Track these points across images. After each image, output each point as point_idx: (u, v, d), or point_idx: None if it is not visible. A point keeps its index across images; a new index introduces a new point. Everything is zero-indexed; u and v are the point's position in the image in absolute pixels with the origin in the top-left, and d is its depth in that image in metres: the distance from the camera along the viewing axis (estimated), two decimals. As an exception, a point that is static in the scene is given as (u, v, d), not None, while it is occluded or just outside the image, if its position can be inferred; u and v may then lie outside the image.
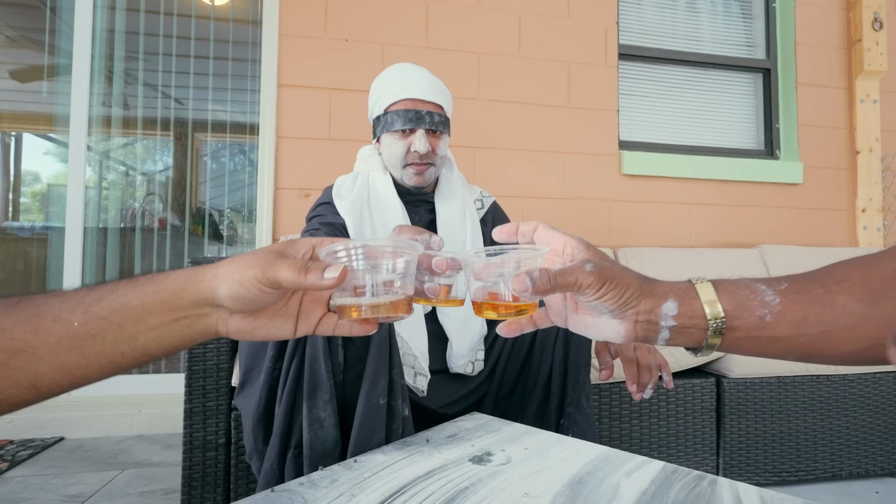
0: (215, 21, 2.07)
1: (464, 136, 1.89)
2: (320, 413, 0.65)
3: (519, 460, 0.60)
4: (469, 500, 0.49)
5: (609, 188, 2.04)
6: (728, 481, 0.55)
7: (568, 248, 0.44)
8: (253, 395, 0.73)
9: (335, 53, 1.86)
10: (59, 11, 2.03)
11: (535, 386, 0.84)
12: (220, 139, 2.15)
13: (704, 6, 2.36)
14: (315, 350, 0.66)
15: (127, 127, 2.12)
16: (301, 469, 0.65)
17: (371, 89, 1.06)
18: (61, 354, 0.35)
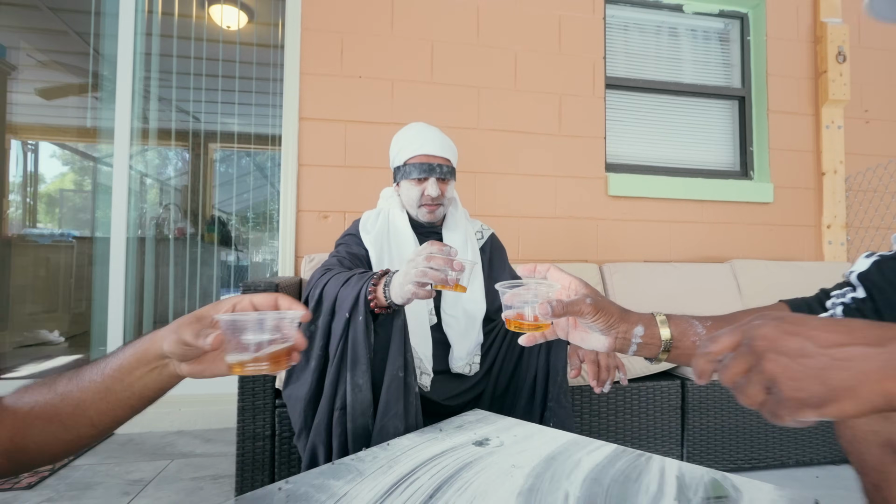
0: (241, 64, 2.30)
1: (465, 163, 2.11)
2: (359, 380, 0.89)
3: (509, 443, 0.83)
4: (472, 471, 0.71)
5: (596, 208, 2.26)
6: (659, 457, 0.78)
7: (573, 285, 0.68)
8: (304, 382, 0.95)
9: (350, 89, 2.08)
10: (102, 38, 2.23)
11: (524, 386, 1.07)
12: (258, 167, 2.38)
13: (685, 39, 2.58)
14: (356, 334, 0.90)
15: (162, 139, 2.36)
16: (345, 425, 0.89)
17: (392, 144, 1.28)
18: (98, 403, 0.55)
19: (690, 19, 2.58)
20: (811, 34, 2.55)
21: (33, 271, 3.46)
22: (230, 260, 2.91)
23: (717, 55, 2.62)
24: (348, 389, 0.89)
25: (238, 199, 2.75)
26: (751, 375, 0.37)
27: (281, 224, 2.04)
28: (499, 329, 1.19)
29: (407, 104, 2.12)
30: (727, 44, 2.63)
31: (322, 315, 0.94)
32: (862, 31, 2.59)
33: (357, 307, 0.90)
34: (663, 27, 2.56)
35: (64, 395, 0.54)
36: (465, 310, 1.18)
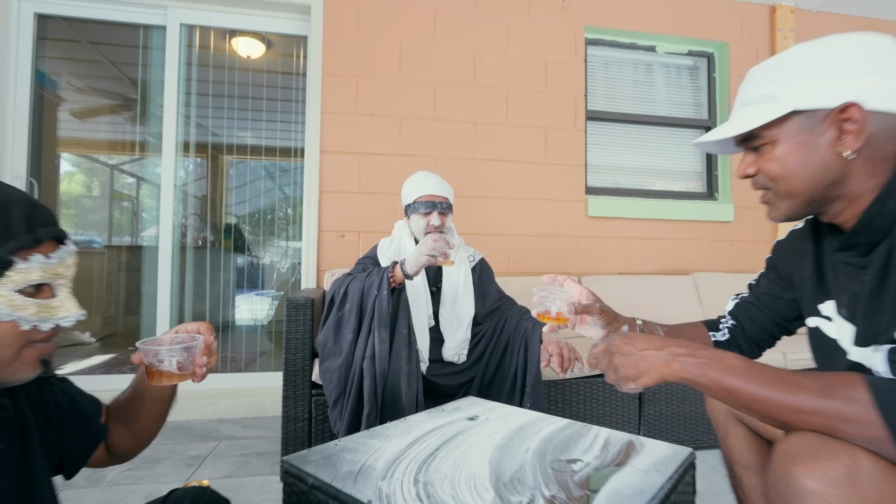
0: (267, 87, 2.64)
1: (463, 189, 2.45)
2: (383, 335, 1.28)
3: (493, 419, 1.16)
4: (465, 435, 1.04)
5: (577, 227, 2.60)
6: (597, 427, 1.11)
7: (584, 293, 1.00)
8: (337, 356, 1.31)
9: (363, 125, 2.42)
10: (149, 68, 2.55)
11: (507, 377, 1.41)
12: (280, 188, 2.71)
13: (659, 76, 2.92)
14: (381, 304, 1.30)
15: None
16: (373, 368, 1.27)
17: (403, 187, 1.62)
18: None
19: (663, 58, 2.91)
20: (769, 72, 2.88)
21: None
22: (249, 264, 3.24)
23: (686, 90, 2.95)
24: (377, 341, 1.28)
25: (258, 210, 3.08)
26: (608, 365, 0.70)
27: (304, 242, 2.37)
28: (485, 330, 1.53)
29: (412, 138, 2.45)
30: (696, 80, 2.97)
31: (350, 302, 1.34)
32: (815, 69, 2.92)
33: (382, 285, 1.32)
34: (639, 65, 2.90)
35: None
36: (458, 314, 1.52)
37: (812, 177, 0.70)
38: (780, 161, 0.72)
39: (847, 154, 0.66)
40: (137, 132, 3.29)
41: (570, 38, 2.66)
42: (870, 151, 0.66)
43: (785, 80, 0.71)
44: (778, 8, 2.86)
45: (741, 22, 2.87)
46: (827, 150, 0.68)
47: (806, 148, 0.69)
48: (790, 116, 0.70)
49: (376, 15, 2.45)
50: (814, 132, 0.69)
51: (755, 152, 0.77)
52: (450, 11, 2.53)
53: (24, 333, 0.61)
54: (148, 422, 0.88)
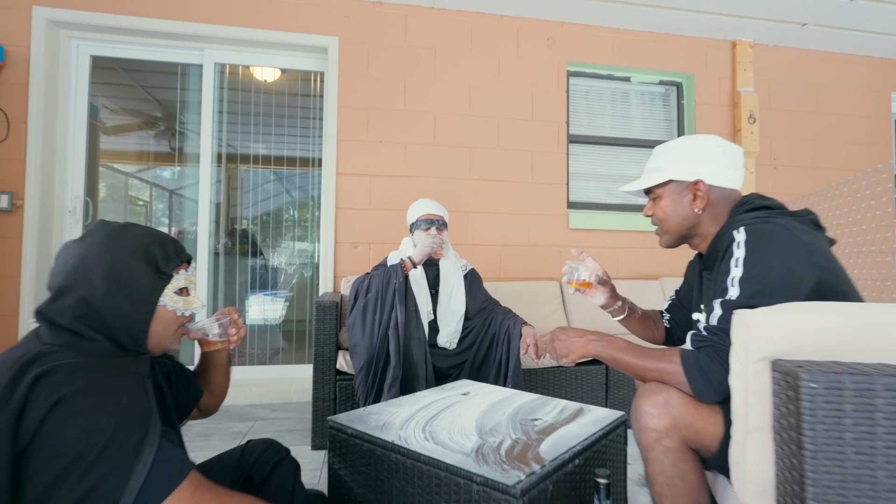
0: (288, 108, 3.00)
1: (460, 205, 2.82)
2: (402, 309, 1.67)
3: (481, 394, 1.54)
4: (458, 404, 1.42)
5: (559, 238, 2.97)
6: (560, 399, 1.48)
7: (599, 269, 1.34)
8: (364, 335, 1.70)
9: (373, 150, 2.79)
10: (187, 91, 2.92)
11: (493, 363, 1.79)
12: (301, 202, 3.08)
13: (633, 102, 3.29)
14: (400, 288, 1.75)
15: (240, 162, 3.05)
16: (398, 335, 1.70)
17: (408, 211, 2.00)
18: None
19: (637, 87, 3.29)
20: (730, 100, 3.26)
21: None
22: (262, 267, 3.60)
23: (658, 115, 3.33)
24: (398, 314, 1.71)
25: (274, 216, 3.45)
26: (552, 347, 1.09)
27: (322, 252, 2.74)
28: (474, 325, 1.92)
29: (416, 162, 2.82)
30: (666, 106, 3.34)
31: (374, 290, 1.78)
32: (772, 97, 3.30)
33: (398, 274, 1.78)
34: (616, 93, 3.27)
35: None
36: (451, 310, 1.90)
37: (679, 222, 1.08)
38: (663, 210, 1.10)
39: (698, 210, 1.04)
40: (171, 146, 3.64)
41: (553, 71, 3.04)
42: (711, 209, 1.04)
43: (669, 159, 1.09)
44: (738, 43, 3.24)
45: (706, 56, 3.24)
46: (687, 207, 1.06)
47: (676, 204, 1.07)
48: (669, 183, 1.08)
49: (384, 54, 2.82)
50: (681, 194, 1.07)
51: (652, 201, 1.14)
52: (448, 50, 2.90)
53: (178, 318, 0.98)
54: (217, 384, 1.24)
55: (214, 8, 2.67)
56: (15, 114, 2.45)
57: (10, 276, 2.42)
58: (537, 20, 3.02)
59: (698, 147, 1.06)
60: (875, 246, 2.81)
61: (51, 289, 0.86)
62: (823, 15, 2.96)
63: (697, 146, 1.06)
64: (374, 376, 1.69)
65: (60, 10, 2.51)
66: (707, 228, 1.06)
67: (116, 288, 0.86)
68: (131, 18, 2.59)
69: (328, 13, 2.78)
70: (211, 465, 1.15)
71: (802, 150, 3.35)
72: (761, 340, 0.71)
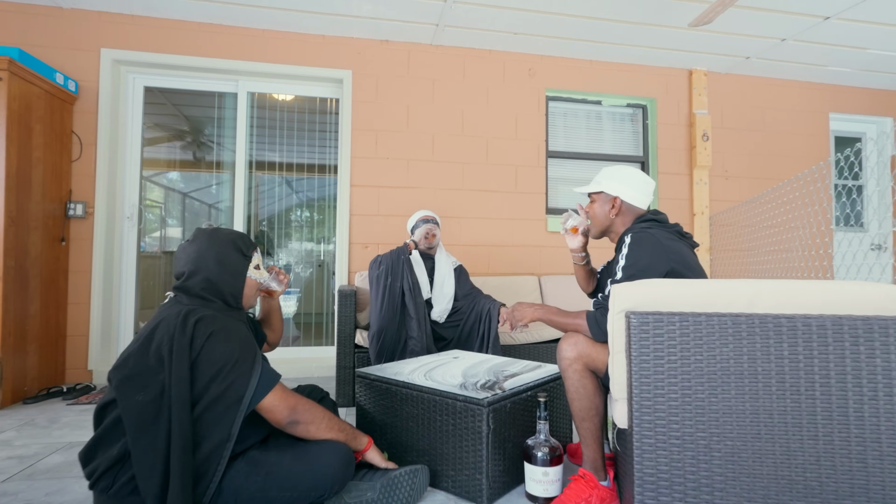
0: (308, 124, 3.52)
1: (454, 211, 3.33)
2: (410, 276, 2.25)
3: (468, 358, 2.07)
4: (450, 363, 1.95)
5: (538, 239, 3.49)
6: (523, 360, 2.01)
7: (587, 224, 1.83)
8: (379, 297, 2.23)
9: (381, 166, 3.31)
10: (222, 109, 3.43)
11: (477, 337, 2.31)
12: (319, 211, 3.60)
13: (605, 122, 3.81)
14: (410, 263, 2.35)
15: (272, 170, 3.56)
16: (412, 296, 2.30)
17: (409, 219, 2.53)
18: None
19: (608, 109, 3.81)
20: (687, 121, 3.79)
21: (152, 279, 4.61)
22: (288, 268, 4.11)
23: (626, 133, 3.85)
24: (409, 281, 2.24)
25: (293, 218, 3.96)
26: (511, 314, 1.62)
27: (338, 252, 3.26)
28: (461, 307, 2.45)
29: (417, 175, 3.34)
30: (633, 125, 3.87)
31: (385, 265, 2.31)
32: (724, 117, 3.83)
33: (405, 251, 2.33)
34: (589, 114, 3.79)
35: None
36: (444, 292, 2.43)
37: (600, 221, 1.60)
38: (593, 210, 1.63)
39: (612, 216, 1.57)
40: (196, 156, 4.14)
41: (534, 97, 3.56)
42: (622, 217, 1.56)
43: (606, 177, 1.61)
44: (694, 72, 3.76)
45: (666, 83, 3.77)
46: (607, 212, 1.58)
47: (601, 208, 1.60)
48: (601, 193, 1.60)
49: (390, 84, 3.34)
50: (605, 203, 1.59)
51: (590, 202, 1.66)
52: (444, 80, 3.42)
53: (257, 284, 1.50)
54: (277, 322, 1.78)
55: (248, 47, 3.19)
56: (86, 137, 2.97)
57: (83, 271, 2.94)
58: (520, 54, 3.54)
59: (626, 175, 1.57)
60: (809, 240, 3.33)
61: (181, 274, 1.38)
62: (762, 51, 3.48)
63: (625, 174, 1.58)
64: (384, 340, 2.22)
65: (122, 51, 3.03)
66: (617, 229, 1.59)
67: (222, 268, 1.39)
68: (178, 57, 3.11)
69: (343, 50, 3.30)
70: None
71: (750, 163, 3.87)
72: (621, 300, 1.23)
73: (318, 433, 1.33)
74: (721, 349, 1.10)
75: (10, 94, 2.43)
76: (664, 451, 1.10)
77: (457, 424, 1.49)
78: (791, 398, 1.04)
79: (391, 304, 2.27)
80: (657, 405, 1.12)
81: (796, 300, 1.12)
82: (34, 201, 2.62)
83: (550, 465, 1.43)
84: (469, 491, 1.46)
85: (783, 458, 1.04)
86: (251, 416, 1.27)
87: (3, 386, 2.40)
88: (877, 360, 1.00)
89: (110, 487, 1.15)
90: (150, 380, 1.18)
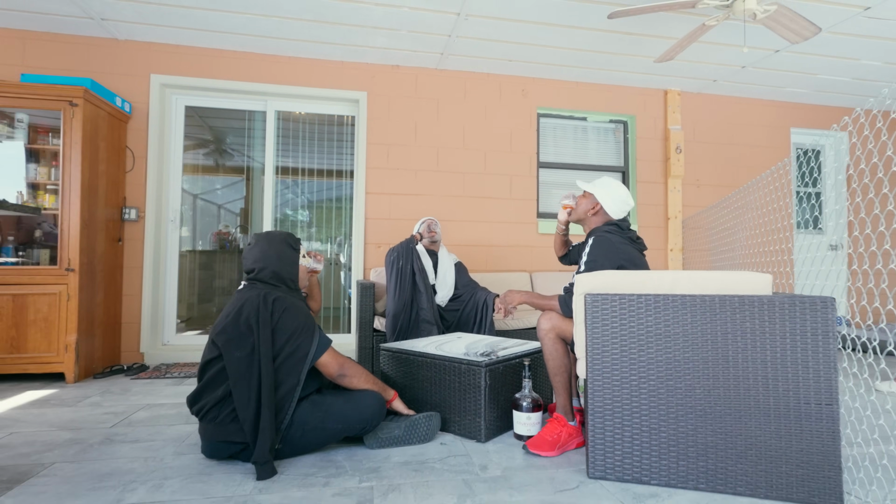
0: (328, 136, 3.98)
1: (456, 216, 3.80)
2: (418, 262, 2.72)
3: (470, 338, 2.54)
4: (454, 341, 2.43)
5: (530, 240, 3.96)
6: (514, 339, 2.49)
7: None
8: (391, 287, 2.71)
9: (392, 175, 3.77)
10: (252, 120, 3.89)
11: (475, 323, 2.79)
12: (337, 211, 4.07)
13: (590, 135, 4.28)
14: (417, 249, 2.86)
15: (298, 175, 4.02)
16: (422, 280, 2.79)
17: (416, 224, 2.99)
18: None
19: (592, 124, 4.28)
20: (663, 135, 4.26)
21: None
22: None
23: (609, 145, 4.33)
24: (419, 265, 2.73)
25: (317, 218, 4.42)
26: (503, 299, 2.09)
27: (354, 251, 3.73)
28: (461, 294, 2.92)
29: (423, 183, 3.81)
30: (616, 139, 4.34)
31: (396, 253, 2.78)
32: (695, 132, 4.31)
33: (412, 241, 2.82)
34: (577, 129, 4.26)
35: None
36: (446, 281, 2.90)
37: (580, 214, 2.09)
38: (580, 203, 2.10)
39: (590, 214, 2.04)
40: (217, 162, 4.59)
41: (527, 114, 4.03)
42: (595, 218, 2.04)
43: (600, 185, 2.07)
44: (668, 92, 4.24)
45: (644, 101, 4.24)
46: (588, 210, 2.05)
47: (584, 205, 2.07)
48: (588, 194, 2.08)
49: (400, 104, 3.81)
50: (590, 202, 2.07)
51: (582, 197, 2.13)
52: (447, 100, 3.89)
53: (306, 269, 1.98)
54: (317, 295, 2.26)
55: (276, 72, 3.65)
56: (138, 151, 3.43)
57: (136, 267, 3.40)
58: (515, 76, 4.01)
59: (613, 190, 2.03)
60: (772, 243, 3.81)
61: (251, 270, 1.85)
62: (726, 75, 3.96)
63: (613, 189, 2.04)
64: (400, 322, 2.69)
65: (168, 76, 3.49)
66: (590, 224, 2.06)
67: (282, 262, 1.86)
68: (216, 80, 3.57)
69: (359, 74, 3.76)
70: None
71: (720, 173, 4.35)
72: (581, 287, 1.70)
73: (359, 384, 1.80)
74: (648, 319, 1.56)
75: (84, 118, 2.89)
76: (609, 389, 1.57)
77: (461, 382, 1.96)
78: (693, 350, 1.50)
79: (403, 284, 2.75)
80: (604, 359, 1.59)
81: (702, 285, 1.59)
82: (99, 207, 3.08)
83: (532, 411, 1.90)
84: (471, 432, 1.93)
85: (688, 390, 1.50)
86: (310, 371, 1.74)
87: (79, 363, 2.86)
88: (746, 324, 1.46)
89: (217, 418, 1.62)
90: (243, 342, 1.64)
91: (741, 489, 1.45)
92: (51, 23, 3.19)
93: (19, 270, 2.80)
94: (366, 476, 1.58)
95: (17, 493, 1.44)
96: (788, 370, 1.44)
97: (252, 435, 1.57)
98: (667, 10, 2.49)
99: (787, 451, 1.42)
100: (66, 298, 2.82)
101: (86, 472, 1.60)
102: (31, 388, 2.71)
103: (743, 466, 1.45)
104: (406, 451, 1.80)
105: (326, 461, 1.70)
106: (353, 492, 1.47)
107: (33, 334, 2.79)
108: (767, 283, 1.57)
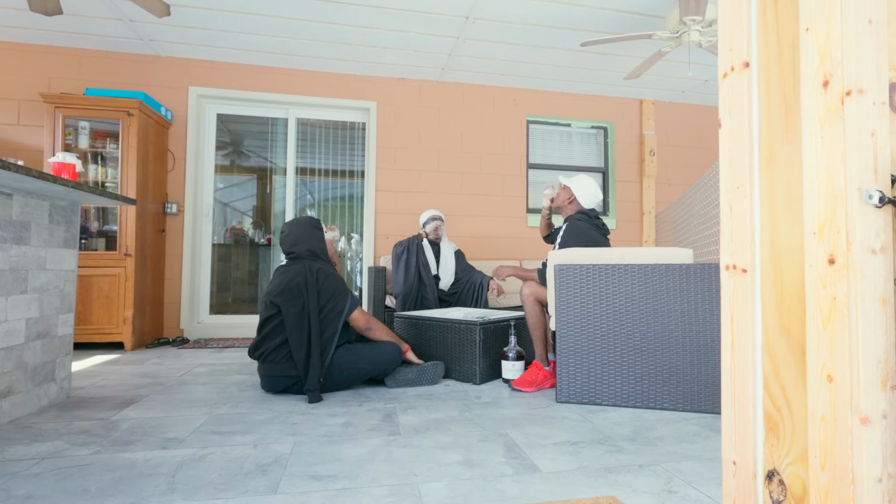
0: (341, 140, 4.49)
1: (455, 210, 4.32)
2: (423, 255, 3.20)
3: (467, 309, 3.06)
4: (455, 312, 2.95)
5: (519, 232, 4.49)
6: (504, 311, 3.01)
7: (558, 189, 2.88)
8: (399, 275, 3.22)
9: (398, 175, 4.29)
10: (274, 124, 4.40)
11: (472, 300, 3.30)
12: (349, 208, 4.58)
13: (574, 139, 4.81)
14: (422, 243, 3.31)
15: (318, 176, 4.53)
16: (428, 271, 3.29)
17: (421, 216, 3.51)
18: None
19: (576, 130, 4.81)
20: (638, 139, 4.80)
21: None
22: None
23: (591, 148, 4.86)
24: (422, 258, 3.22)
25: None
26: (495, 273, 2.62)
27: (365, 241, 4.24)
28: (460, 277, 3.43)
29: (426, 182, 4.33)
30: (597, 143, 4.87)
31: (403, 247, 3.30)
32: (668, 136, 4.84)
33: (419, 237, 3.33)
34: (562, 133, 4.79)
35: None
36: (448, 268, 3.41)
37: (559, 202, 2.62)
38: (559, 195, 2.64)
39: (567, 204, 2.57)
40: (234, 163, 5.08)
41: (518, 121, 4.55)
42: (570, 207, 2.58)
43: (577, 180, 2.61)
44: (644, 101, 4.77)
45: (622, 110, 4.77)
46: (565, 199, 2.58)
47: (563, 197, 2.60)
48: (566, 187, 2.60)
49: (406, 112, 4.33)
50: (567, 194, 2.60)
51: (561, 189, 2.65)
52: (448, 109, 4.41)
53: (332, 242, 2.52)
54: (335, 261, 2.76)
55: (297, 84, 4.15)
56: (177, 153, 3.93)
57: (176, 255, 3.90)
58: (507, 88, 4.54)
59: (587, 185, 2.55)
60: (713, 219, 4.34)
61: (291, 251, 2.36)
62: (692, 87, 4.50)
63: (586, 185, 2.55)
64: (408, 303, 3.20)
65: (203, 87, 3.99)
66: (566, 212, 2.58)
67: (312, 240, 2.38)
68: (244, 91, 4.07)
69: (370, 86, 4.27)
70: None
71: (689, 173, 4.89)
72: (554, 261, 2.22)
73: (381, 336, 2.32)
74: (601, 283, 2.09)
75: (139, 126, 3.39)
76: (572, 337, 2.09)
77: (461, 338, 2.48)
78: (633, 305, 2.03)
79: (409, 275, 3.25)
80: (569, 314, 2.11)
81: (643, 257, 2.12)
82: (148, 202, 3.58)
83: (516, 360, 2.42)
84: (468, 377, 2.45)
85: (629, 334, 2.03)
86: (343, 325, 2.25)
87: (135, 334, 3.36)
88: (671, 284, 1.99)
89: (276, 359, 2.14)
90: (296, 301, 2.16)
91: (666, 405, 1.97)
92: (106, 42, 3.68)
93: (84, 255, 3.30)
94: (389, 402, 2.10)
95: (133, 409, 1.95)
96: (699, 316, 1.97)
97: (304, 369, 2.09)
98: (628, 41, 3.02)
99: (698, 375, 1.95)
100: (125, 279, 3.32)
101: (177, 399, 2.11)
102: (97, 353, 3.21)
103: (667, 388, 1.98)
104: (418, 389, 2.32)
105: (358, 394, 2.21)
106: (380, 409, 1.99)
107: (97, 309, 3.29)
108: (689, 255, 2.10)
